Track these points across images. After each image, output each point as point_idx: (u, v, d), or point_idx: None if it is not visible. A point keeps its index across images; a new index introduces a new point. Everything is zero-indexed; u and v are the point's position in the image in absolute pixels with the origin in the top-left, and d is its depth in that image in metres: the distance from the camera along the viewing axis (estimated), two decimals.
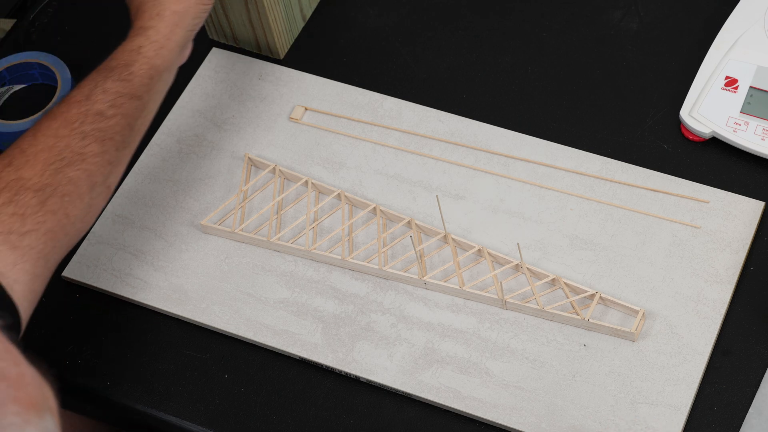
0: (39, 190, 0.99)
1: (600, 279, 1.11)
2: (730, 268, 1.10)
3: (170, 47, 1.09)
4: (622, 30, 1.27)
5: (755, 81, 1.17)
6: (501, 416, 1.05)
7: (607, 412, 1.04)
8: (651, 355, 1.07)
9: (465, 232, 1.15)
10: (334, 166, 1.21)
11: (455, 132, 1.22)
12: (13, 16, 1.41)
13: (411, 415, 1.08)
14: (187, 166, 1.23)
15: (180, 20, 1.10)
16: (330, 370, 1.10)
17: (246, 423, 1.09)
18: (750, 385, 1.05)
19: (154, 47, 1.08)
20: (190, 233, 1.19)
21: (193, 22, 1.12)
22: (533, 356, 1.08)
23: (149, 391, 1.12)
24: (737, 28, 1.20)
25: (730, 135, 1.16)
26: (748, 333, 1.08)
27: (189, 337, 1.14)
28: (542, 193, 1.17)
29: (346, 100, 1.25)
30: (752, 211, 1.13)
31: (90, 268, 1.17)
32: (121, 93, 1.05)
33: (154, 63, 1.08)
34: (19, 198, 0.98)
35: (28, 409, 0.58)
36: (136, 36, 1.09)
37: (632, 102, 1.22)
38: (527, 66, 1.26)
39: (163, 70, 1.09)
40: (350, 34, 1.31)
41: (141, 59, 1.07)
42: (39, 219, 0.98)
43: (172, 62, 1.10)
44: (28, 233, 0.97)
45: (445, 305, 1.11)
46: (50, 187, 1.00)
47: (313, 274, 1.15)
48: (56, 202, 1.00)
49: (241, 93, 1.27)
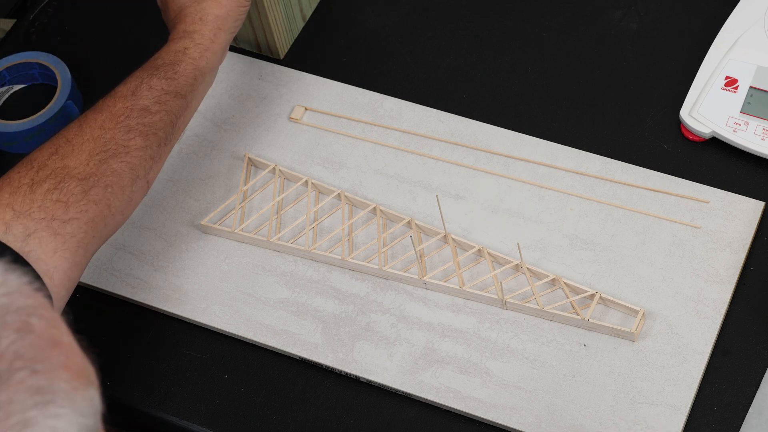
0: (83, 179, 1.01)
1: (600, 279, 1.11)
2: (730, 268, 1.10)
3: (214, 50, 1.12)
4: (622, 30, 1.27)
5: (755, 81, 1.17)
6: (501, 416, 1.05)
7: (607, 412, 1.04)
8: (651, 355, 1.07)
9: (465, 232, 1.15)
10: (334, 166, 1.21)
11: (455, 132, 1.22)
12: (13, 16, 1.41)
13: (411, 415, 1.08)
14: (187, 166, 1.23)
15: (222, 24, 1.13)
16: (330, 370, 1.10)
17: (246, 423, 1.09)
18: (750, 385, 1.05)
19: (199, 49, 1.11)
20: (190, 233, 1.19)
21: (234, 25, 1.15)
22: (533, 356, 1.08)
23: (149, 391, 1.12)
24: (737, 28, 1.20)
25: (730, 135, 1.16)
26: (748, 333, 1.08)
27: (189, 337, 1.14)
28: (542, 193, 1.17)
29: (346, 100, 1.25)
30: (752, 211, 1.13)
31: (90, 268, 1.17)
32: (167, 90, 1.08)
33: (199, 64, 1.11)
34: (64, 185, 1.00)
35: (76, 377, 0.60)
36: (180, 39, 1.12)
37: (632, 102, 1.22)
38: (527, 66, 1.26)
39: (207, 72, 1.12)
40: (350, 34, 1.31)
41: (186, 60, 1.10)
42: (82, 208, 1.00)
43: (214, 64, 1.13)
44: (70, 221, 0.99)
45: (445, 305, 1.11)
46: (94, 177, 1.02)
47: (313, 274, 1.15)
48: (99, 192, 1.02)
49: (241, 93, 1.27)
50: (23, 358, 0.58)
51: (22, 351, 0.58)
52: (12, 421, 0.56)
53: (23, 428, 0.56)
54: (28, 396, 0.57)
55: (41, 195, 0.99)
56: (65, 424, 0.58)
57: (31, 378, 0.58)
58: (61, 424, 0.58)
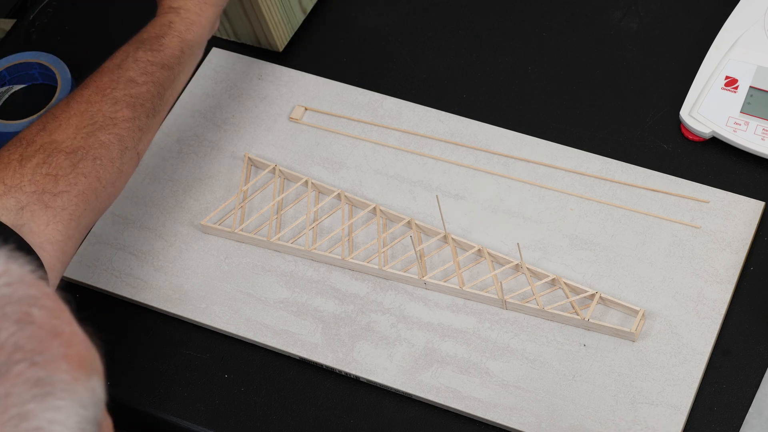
0: (71, 153, 1.02)
1: (600, 279, 1.11)
2: (730, 268, 1.10)
3: (201, 23, 1.13)
4: (622, 30, 1.27)
5: (755, 81, 1.17)
6: (501, 416, 1.05)
7: (607, 412, 1.04)
8: (651, 355, 1.07)
9: (465, 232, 1.15)
10: (334, 166, 1.21)
11: (455, 132, 1.22)
12: (13, 16, 1.41)
13: (411, 415, 1.08)
14: (187, 166, 1.23)
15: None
16: (330, 370, 1.10)
17: (246, 423, 1.09)
18: (750, 385, 1.05)
19: (185, 23, 1.12)
20: (190, 233, 1.19)
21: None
22: (533, 356, 1.08)
23: (149, 391, 1.12)
24: (737, 28, 1.20)
25: (730, 135, 1.16)
26: (748, 333, 1.08)
27: (189, 337, 1.14)
28: (542, 193, 1.17)
29: (346, 100, 1.25)
30: (752, 211, 1.13)
31: (90, 268, 1.18)
32: (153, 62, 1.09)
33: (185, 37, 1.12)
34: (52, 159, 1.01)
35: (77, 367, 0.60)
36: (166, 14, 1.13)
37: (632, 102, 1.22)
38: (527, 66, 1.26)
39: (194, 45, 1.13)
40: (350, 34, 1.31)
41: (172, 32, 1.11)
42: (71, 180, 1.01)
43: (202, 38, 1.14)
44: (60, 194, 1.00)
45: (445, 305, 1.11)
46: (82, 149, 1.03)
47: (313, 274, 1.15)
48: (88, 165, 1.02)
49: (241, 93, 1.27)
50: (23, 349, 0.58)
51: (22, 342, 0.58)
52: (9, 414, 0.56)
53: (20, 422, 0.56)
54: (26, 389, 0.57)
55: (31, 169, 1.00)
56: (64, 417, 0.57)
57: (30, 370, 0.57)
58: (60, 416, 0.57)
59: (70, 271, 1.17)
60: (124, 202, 1.21)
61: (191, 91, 1.28)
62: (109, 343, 1.15)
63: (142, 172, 1.23)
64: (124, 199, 1.21)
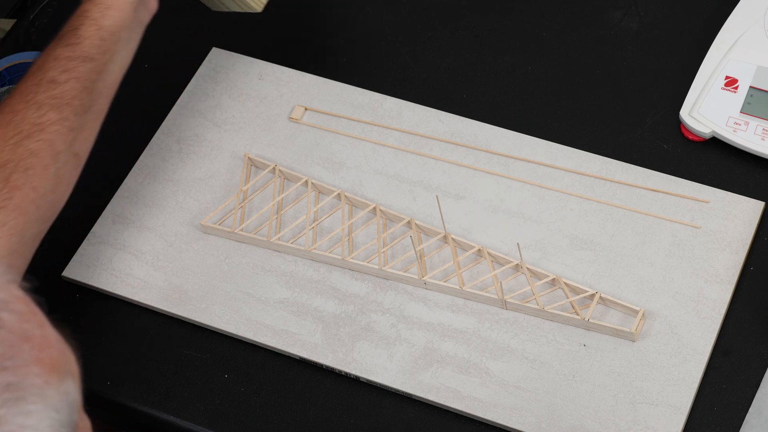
0: (1, 167, 0.99)
1: (600, 279, 1.11)
2: (730, 268, 1.10)
3: (118, 5, 1.07)
4: (622, 30, 1.27)
5: (755, 81, 1.17)
6: (501, 416, 1.05)
7: (607, 412, 1.04)
8: (651, 355, 1.07)
9: (465, 232, 1.15)
10: (334, 166, 1.21)
11: (455, 132, 1.22)
12: (13, 16, 1.41)
13: (411, 415, 1.08)
14: (187, 166, 1.23)
15: None
16: (330, 370, 1.10)
17: (246, 423, 1.09)
18: (750, 385, 1.05)
19: (100, 9, 1.07)
20: (190, 233, 1.19)
21: None
22: (533, 356, 1.08)
23: (149, 391, 1.11)
24: (737, 28, 1.20)
25: (730, 135, 1.16)
26: (748, 333, 1.08)
27: (189, 337, 1.14)
28: (542, 193, 1.17)
29: (346, 100, 1.25)
30: (752, 211, 1.13)
31: (90, 268, 1.17)
32: (72, 57, 1.04)
33: (102, 24, 1.06)
34: None
35: (49, 371, 0.59)
36: (84, 3, 1.08)
37: (632, 102, 1.22)
38: (527, 66, 1.26)
39: (116, 30, 1.07)
40: (350, 34, 1.31)
41: (87, 22, 1.06)
42: (5, 195, 0.98)
43: (124, 21, 1.08)
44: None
45: (445, 305, 1.11)
46: (11, 162, 0.99)
47: (313, 274, 1.15)
48: (20, 177, 0.99)
49: (241, 93, 1.27)
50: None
51: None
52: None
53: None
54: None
55: None
56: (36, 421, 0.57)
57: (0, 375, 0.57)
58: (32, 421, 0.57)
59: (70, 271, 1.17)
60: (124, 202, 1.21)
61: (191, 91, 1.28)
62: (109, 343, 1.15)
63: (142, 172, 1.23)
64: (124, 199, 1.21)
